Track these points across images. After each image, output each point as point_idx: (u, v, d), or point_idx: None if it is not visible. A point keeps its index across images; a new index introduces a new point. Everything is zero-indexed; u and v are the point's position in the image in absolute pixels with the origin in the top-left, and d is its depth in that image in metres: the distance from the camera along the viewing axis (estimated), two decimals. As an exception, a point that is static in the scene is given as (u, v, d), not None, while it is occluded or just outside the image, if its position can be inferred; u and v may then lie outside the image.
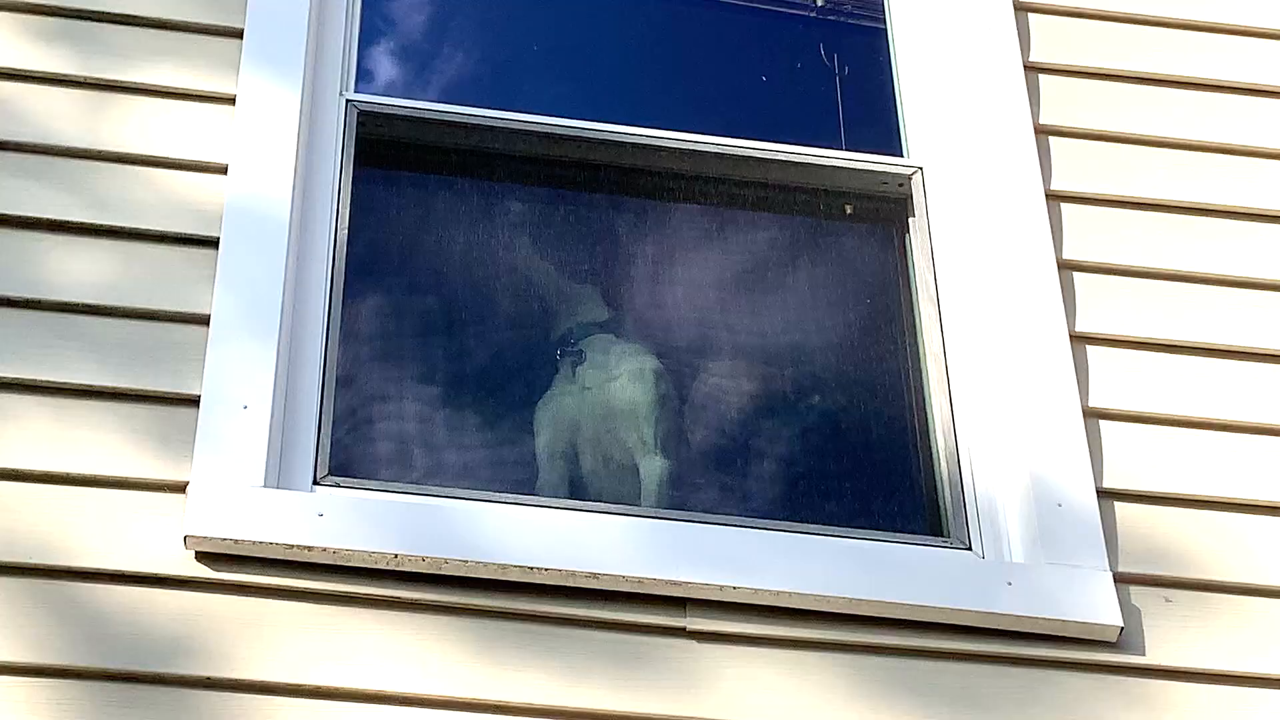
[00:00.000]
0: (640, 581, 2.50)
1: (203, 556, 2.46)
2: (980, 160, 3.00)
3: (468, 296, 2.91)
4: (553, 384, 2.86)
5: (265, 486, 2.51)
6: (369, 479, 2.64)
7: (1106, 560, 2.62)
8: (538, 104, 3.03)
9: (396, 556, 2.47)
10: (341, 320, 2.75)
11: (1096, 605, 2.56)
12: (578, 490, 2.75)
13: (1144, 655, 2.56)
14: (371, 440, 2.75)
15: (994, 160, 2.98)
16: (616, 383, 2.85)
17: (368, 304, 2.85)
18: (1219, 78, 3.11)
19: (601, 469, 2.77)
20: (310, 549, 2.46)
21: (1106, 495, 2.69)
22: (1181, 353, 2.84)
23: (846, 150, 3.08)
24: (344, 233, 2.83)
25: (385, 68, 3.10)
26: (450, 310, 2.89)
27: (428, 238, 2.95)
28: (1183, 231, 2.98)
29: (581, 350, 2.87)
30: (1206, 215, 2.98)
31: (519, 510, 2.61)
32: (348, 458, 2.68)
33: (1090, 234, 2.94)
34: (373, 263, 2.89)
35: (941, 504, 2.76)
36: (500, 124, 3.00)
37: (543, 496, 2.70)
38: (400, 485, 2.63)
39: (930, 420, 2.84)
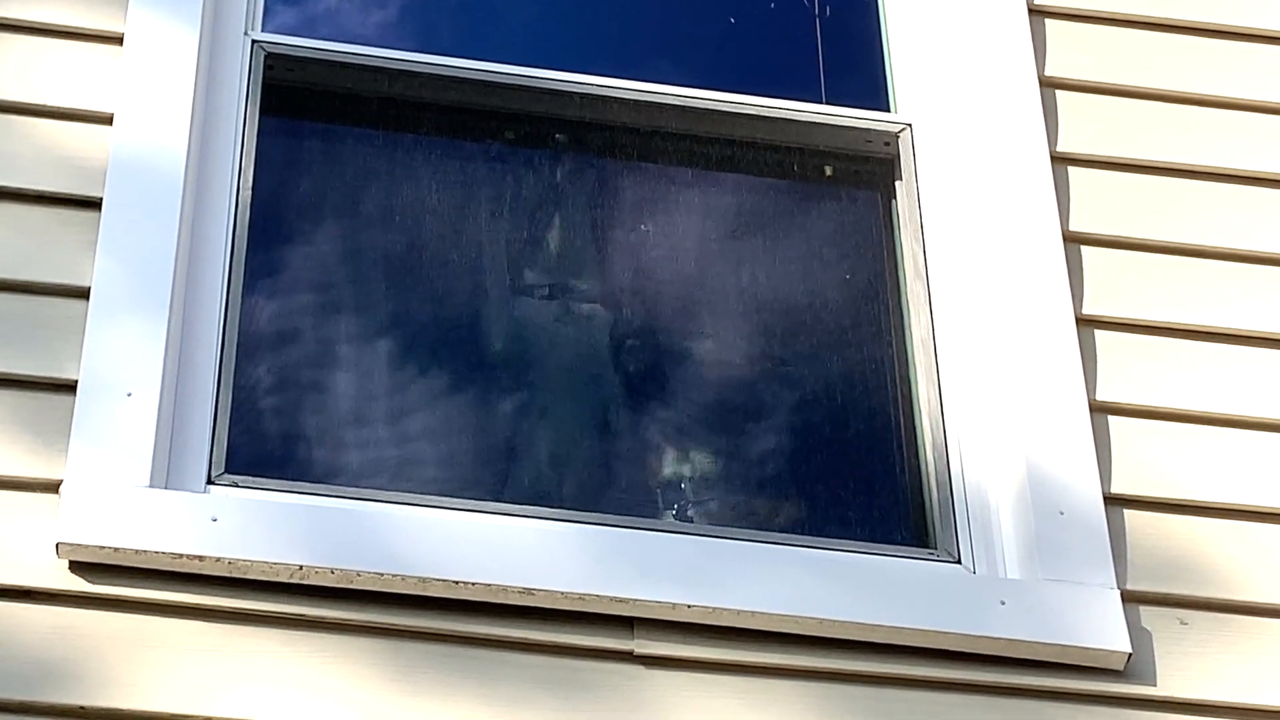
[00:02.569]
0: (581, 598, 2.49)
1: (78, 567, 2.45)
2: (977, 117, 3.00)
3: (390, 268, 2.90)
4: (486, 370, 2.84)
5: (151, 486, 2.50)
6: (271, 478, 2.63)
7: (1114, 576, 2.62)
8: (471, 48, 3.03)
9: (302, 568, 2.46)
10: (243, 294, 2.75)
11: (1102, 628, 2.56)
12: (511, 493, 2.73)
13: (1155, 685, 2.56)
14: (275, 433, 2.73)
15: (993, 117, 2.99)
16: (559, 369, 2.83)
17: (274, 276, 2.85)
18: (1261, 26, 3.12)
19: (539, 468, 2.76)
20: (202, 559, 2.45)
21: (1115, 501, 2.70)
22: (1203, 339, 2.85)
23: (825, 104, 3.09)
24: (247, 194, 2.83)
25: (297, 3, 3.08)
26: (369, 284, 2.87)
27: (345, 200, 2.94)
28: (1209, 202, 2.98)
29: (520, 332, 2.86)
30: (1236, 182, 2.99)
31: (443, 515, 2.60)
32: (247, 454, 2.67)
33: (1102, 203, 2.94)
34: (281, 228, 2.89)
35: (927, 510, 2.76)
36: (428, 69, 3.00)
37: (471, 500, 2.67)
38: (307, 485, 2.63)
39: (916, 414, 2.84)
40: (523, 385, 2.84)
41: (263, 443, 2.72)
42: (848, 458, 2.85)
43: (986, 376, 2.83)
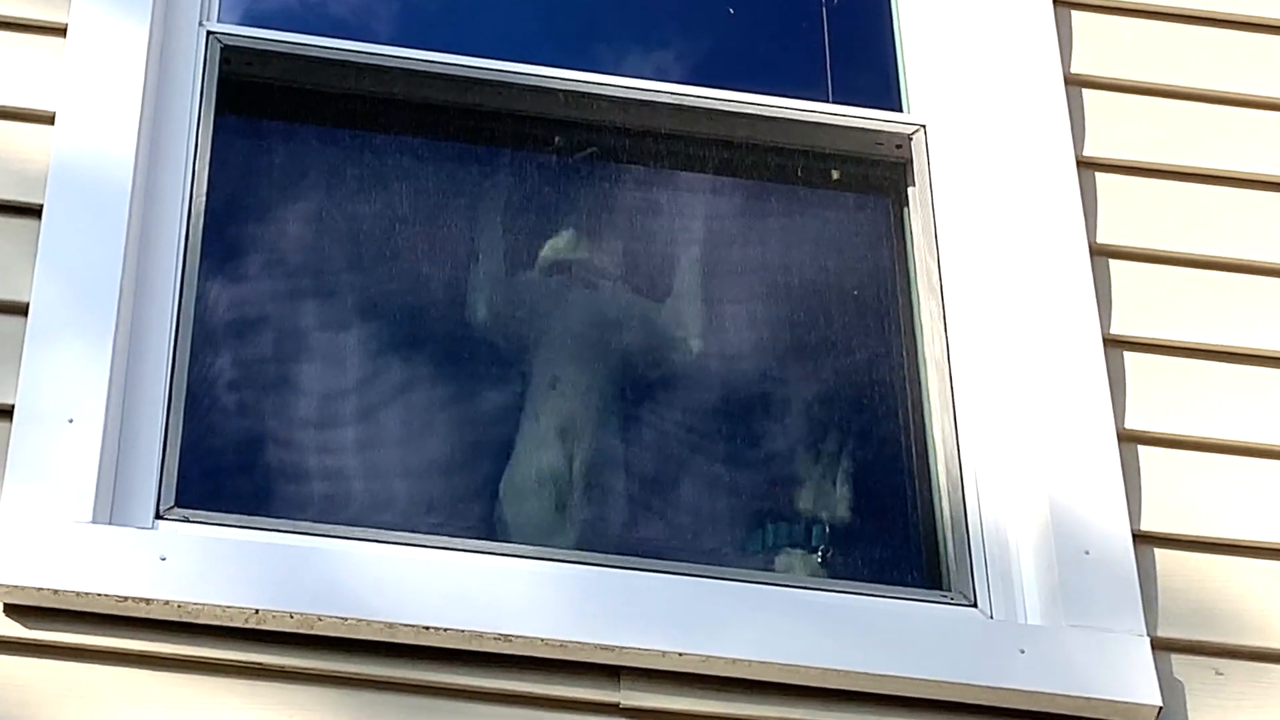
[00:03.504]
0: (563, 645, 2.47)
1: (14, 610, 2.43)
2: (997, 117, 2.99)
3: (356, 283, 2.90)
4: (460, 396, 2.83)
5: (94, 522, 2.48)
6: (226, 513, 2.61)
7: (1143, 622, 2.61)
8: (448, 41, 3.01)
9: (258, 612, 2.45)
10: (196, 311, 2.74)
11: (1130, 679, 2.55)
12: (486, 530, 2.73)
13: (1187, 742, 2.55)
14: (230, 464, 2.73)
15: (1014, 118, 2.98)
16: (540, 394, 2.81)
17: (230, 291, 2.84)
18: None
19: (517, 502, 2.73)
20: (150, 602, 2.43)
21: (1145, 540, 2.68)
22: (1241, 362, 2.83)
23: (833, 103, 3.08)
24: (201, 200, 2.82)
25: (257, -9, 3.09)
26: (333, 300, 2.87)
27: (310, 208, 2.93)
28: (1250, 212, 2.96)
29: (498, 354, 2.85)
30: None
31: (413, 554, 2.59)
32: (199, 486, 2.65)
33: (1132, 212, 2.92)
34: (239, 239, 2.89)
35: (941, 548, 2.76)
36: (400, 64, 2.99)
37: (442, 537, 2.66)
38: (265, 521, 2.62)
39: (929, 443, 2.83)
40: (501, 412, 2.83)
41: (216, 474, 2.72)
42: (854, 491, 2.84)
43: (1006, 402, 2.80)
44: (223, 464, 2.73)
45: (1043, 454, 2.72)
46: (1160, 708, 2.54)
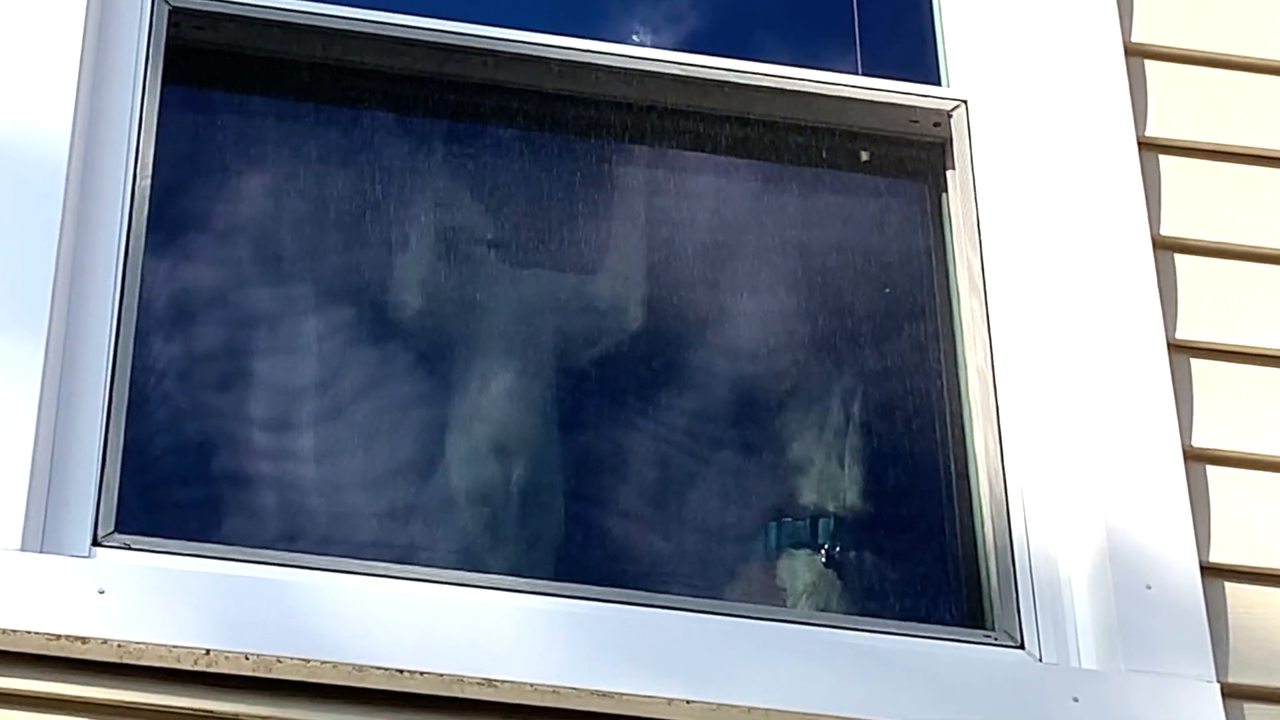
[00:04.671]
0: (555, 692, 2.43)
1: None
2: (1046, 92, 2.97)
3: (321, 275, 2.87)
4: (438, 404, 2.81)
5: (23, 550, 2.44)
6: (172, 539, 2.57)
7: (1212, 666, 2.58)
8: (425, 2, 2.95)
9: (210, 653, 2.40)
10: (140, 308, 2.69)
11: None
12: (469, 558, 2.70)
13: (1262, 803, 2.51)
14: (177, 484, 2.70)
15: (1066, 93, 2.96)
16: (527, 403, 2.76)
17: (179, 284, 2.80)
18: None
19: (503, 527, 2.70)
20: (86, 641, 2.38)
21: (1213, 573, 2.66)
22: None
23: (862, 75, 3.06)
24: (146, 181, 2.76)
25: (211, -55, 3.01)
26: (296, 294, 2.83)
27: (266, 188, 2.91)
28: None
29: (479, 357, 2.80)
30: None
31: (384, 587, 2.55)
32: (142, 509, 2.61)
33: (1201, 201, 2.91)
34: (188, 223, 2.85)
35: (983, 581, 2.73)
36: (370, 29, 2.96)
37: (418, 567, 2.63)
38: (217, 549, 2.57)
39: (970, 461, 2.81)
40: (483, 422, 2.81)
41: (163, 495, 2.68)
42: (886, 518, 2.83)
43: (1057, 415, 2.78)
44: (170, 483, 2.70)
45: (1099, 474, 2.69)
46: (1231, 763, 2.50)
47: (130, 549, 2.54)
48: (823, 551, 2.77)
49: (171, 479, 2.70)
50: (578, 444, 2.79)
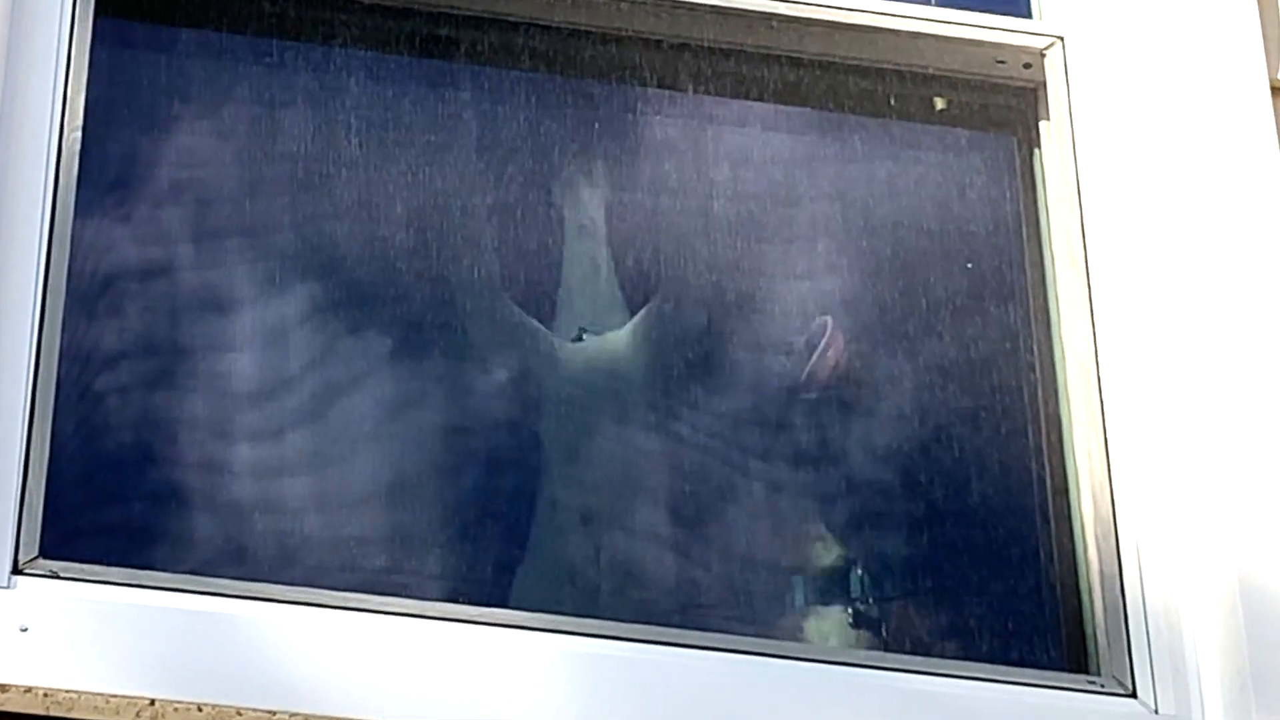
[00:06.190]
0: None
1: None
2: (1159, 28, 2.93)
3: (284, 246, 2.83)
4: (424, 403, 2.78)
5: None
6: (107, 565, 2.50)
7: None
8: None
9: (154, 703, 2.35)
10: (68, 292, 2.63)
11: None
12: (469, 588, 2.66)
13: None
14: (112, 500, 2.65)
15: (1182, 29, 2.92)
16: (541, 395, 2.75)
17: (115, 263, 2.75)
18: None
19: (510, 551, 2.61)
20: (6, 689, 2.33)
21: None
22: None
23: (937, 6, 3.01)
24: (74, 138, 2.70)
25: None
26: (254, 269, 2.78)
27: (219, 141, 2.86)
28: None
29: (476, 344, 2.80)
30: None
31: (365, 622, 2.48)
32: (72, 529, 2.56)
33: None
34: (125, 189, 2.80)
35: (1087, 618, 2.68)
36: None
37: (402, 599, 2.56)
38: (160, 577, 2.50)
39: (1071, 473, 2.76)
40: (479, 423, 2.81)
41: (95, 515, 2.62)
42: (970, 542, 2.78)
43: (1173, 418, 2.73)
44: (105, 500, 2.65)
45: (1227, 494, 2.63)
46: (1382, 837, 2.40)
47: (58, 577, 2.47)
48: (896, 584, 2.68)
49: (107, 495, 2.66)
50: (598, 459, 2.72)
